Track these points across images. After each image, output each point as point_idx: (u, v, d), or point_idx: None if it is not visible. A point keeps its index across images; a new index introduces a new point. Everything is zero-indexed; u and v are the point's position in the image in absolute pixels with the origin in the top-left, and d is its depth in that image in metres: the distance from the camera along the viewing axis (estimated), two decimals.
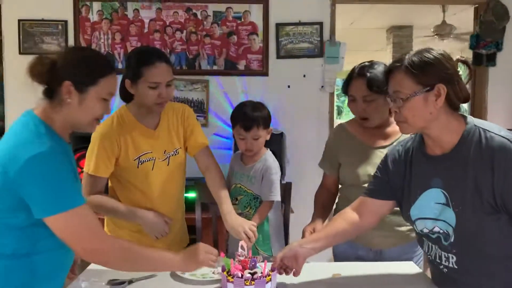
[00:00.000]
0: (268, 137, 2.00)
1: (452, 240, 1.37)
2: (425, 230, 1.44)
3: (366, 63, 1.89)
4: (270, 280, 1.39)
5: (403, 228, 1.88)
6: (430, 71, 1.32)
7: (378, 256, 1.93)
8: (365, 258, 1.94)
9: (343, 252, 1.98)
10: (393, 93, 1.37)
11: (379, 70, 1.81)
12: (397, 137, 1.88)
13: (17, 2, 3.22)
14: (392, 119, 1.86)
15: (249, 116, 1.91)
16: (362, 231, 1.65)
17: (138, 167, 1.86)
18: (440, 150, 1.40)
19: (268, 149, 2.04)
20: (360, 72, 1.86)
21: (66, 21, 3.22)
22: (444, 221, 1.38)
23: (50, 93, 1.34)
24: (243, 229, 1.78)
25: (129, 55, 1.87)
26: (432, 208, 1.40)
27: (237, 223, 1.82)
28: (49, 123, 1.33)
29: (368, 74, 1.82)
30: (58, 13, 3.22)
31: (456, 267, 1.40)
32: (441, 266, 1.44)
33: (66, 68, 1.32)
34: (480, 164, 1.30)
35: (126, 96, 1.89)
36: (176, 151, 1.94)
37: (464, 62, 1.40)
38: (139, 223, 1.86)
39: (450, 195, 1.36)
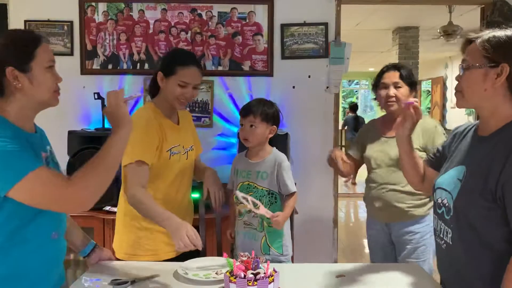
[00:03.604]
0: (269, 135, 2.05)
1: (452, 213, 1.42)
2: (439, 200, 1.49)
3: (396, 63, 2.47)
4: (273, 280, 1.38)
5: (402, 205, 2.28)
6: (501, 49, 1.33)
7: (389, 229, 2.37)
8: (384, 231, 2.39)
9: (373, 231, 2.47)
10: (462, 61, 1.41)
11: (407, 67, 2.39)
12: None
13: (24, 3, 3.23)
14: None
15: (249, 104, 2.05)
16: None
17: (169, 159, 1.93)
18: (484, 132, 1.43)
19: (274, 148, 2.09)
20: (392, 66, 2.37)
21: (71, 22, 3.24)
22: (451, 194, 1.42)
23: None
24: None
25: (167, 52, 2.18)
26: (452, 182, 1.44)
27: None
28: (4, 115, 1.33)
29: (400, 67, 2.34)
30: (63, 13, 3.23)
31: (451, 243, 1.42)
32: (442, 242, 1.48)
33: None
34: (500, 153, 1.32)
35: (152, 90, 2.03)
36: (191, 147, 2.07)
37: None
38: (168, 230, 1.73)
39: (467, 173, 1.40)
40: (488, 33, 1.36)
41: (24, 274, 1.34)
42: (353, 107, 9.41)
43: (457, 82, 1.44)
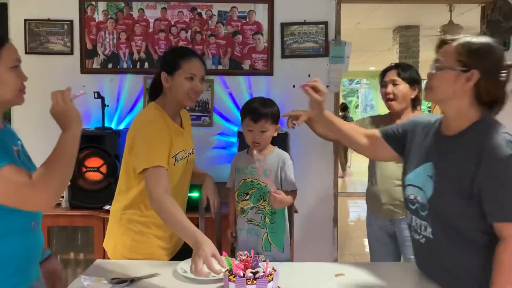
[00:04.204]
0: (275, 134, 2.06)
1: (428, 211, 1.46)
2: (411, 197, 1.53)
3: (399, 62, 2.58)
4: (272, 279, 1.38)
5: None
6: (474, 55, 1.37)
7: (393, 225, 2.40)
8: (386, 227, 2.44)
9: (373, 228, 2.52)
10: (435, 60, 1.45)
11: (409, 66, 2.51)
12: None
13: (23, 2, 3.23)
14: (405, 112, 2.41)
15: (258, 108, 2.01)
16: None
17: (174, 165, 1.88)
18: (448, 131, 1.47)
19: (276, 146, 2.11)
20: (394, 65, 2.48)
21: (71, 21, 3.23)
22: (424, 191, 1.46)
23: None
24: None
25: (166, 51, 2.09)
26: (423, 179, 1.49)
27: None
28: None
29: (399, 66, 2.45)
30: (63, 13, 3.23)
31: (431, 237, 1.46)
32: (420, 236, 1.51)
33: None
34: (472, 152, 1.36)
35: (154, 92, 1.97)
36: (192, 150, 2.03)
37: None
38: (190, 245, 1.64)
39: (437, 171, 1.44)
40: (464, 38, 1.40)
41: (4, 265, 1.34)
42: (343, 108, 9.86)
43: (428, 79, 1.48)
